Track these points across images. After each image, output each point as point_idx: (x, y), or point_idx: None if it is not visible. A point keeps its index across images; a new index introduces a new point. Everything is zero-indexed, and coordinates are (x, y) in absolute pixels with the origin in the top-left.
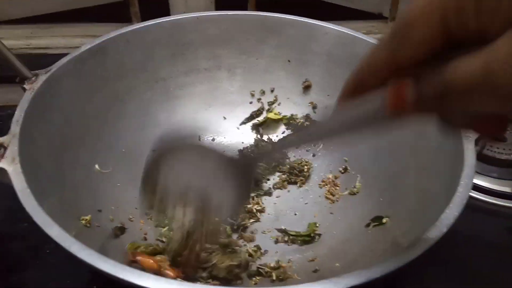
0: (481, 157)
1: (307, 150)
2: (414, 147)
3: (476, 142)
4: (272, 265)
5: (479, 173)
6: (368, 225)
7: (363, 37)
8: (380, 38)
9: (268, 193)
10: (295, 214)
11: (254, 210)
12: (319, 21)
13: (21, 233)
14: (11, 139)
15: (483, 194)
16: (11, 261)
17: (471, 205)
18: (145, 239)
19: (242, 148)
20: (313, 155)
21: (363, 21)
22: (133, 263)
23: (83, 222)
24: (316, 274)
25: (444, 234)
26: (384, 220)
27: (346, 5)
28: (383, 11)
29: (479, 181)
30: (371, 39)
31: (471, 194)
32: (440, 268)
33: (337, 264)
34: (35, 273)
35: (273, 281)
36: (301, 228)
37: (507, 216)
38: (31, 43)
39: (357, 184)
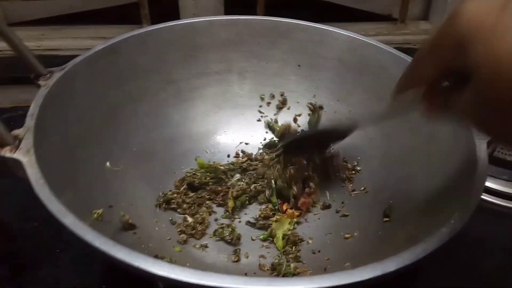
0: (491, 159)
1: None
2: (426, 152)
3: (488, 145)
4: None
5: (489, 175)
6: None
7: (373, 42)
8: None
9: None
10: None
11: None
12: (330, 26)
13: (32, 231)
14: (26, 132)
15: (493, 197)
16: (23, 259)
17: (481, 208)
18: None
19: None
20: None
21: (372, 23)
22: None
23: (95, 215)
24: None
25: (456, 233)
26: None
27: (356, 7)
28: (392, 12)
29: (490, 184)
30: (381, 44)
31: (482, 196)
32: (451, 269)
33: (347, 264)
34: (47, 272)
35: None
36: None
37: None
38: (42, 45)
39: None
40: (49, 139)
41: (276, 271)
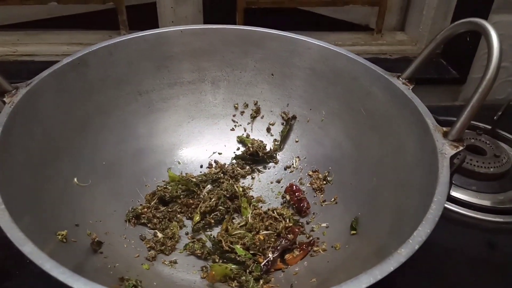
0: (460, 170)
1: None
2: (393, 163)
3: (451, 160)
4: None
5: (459, 186)
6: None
7: (345, 53)
8: None
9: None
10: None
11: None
12: (302, 36)
13: (3, 242)
14: None
15: (462, 208)
16: None
17: (451, 218)
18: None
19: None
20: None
21: (350, 33)
22: None
23: (59, 237)
24: None
25: (415, 252)
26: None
27: (334, 16)
28: (370, 23)
29: (459, 195)
30: (351, 54)
31: (451, 207)
32: (419, 280)
33: (313, 280)
34: (17, 283)
35: None
36: None
37: (486, 229)
38: (18, 50)
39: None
40: (13, 159)
41: (244, 287)
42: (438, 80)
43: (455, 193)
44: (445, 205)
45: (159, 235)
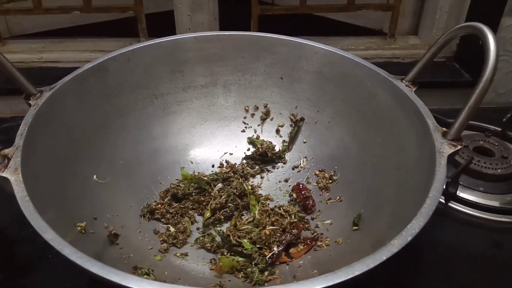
0: (468, 171)
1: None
2: (396, 162)
3: (450, 158)
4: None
5: (466, 187)
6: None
7: (350, 56)
8: None
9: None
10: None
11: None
12: (309, 40)
13: (27, 237)
14: (15, 151)
15: (469, 208)
16: (18, 264)
17: (458, 218)
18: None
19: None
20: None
21: (363, 37)
22: None
23: (79, 228)
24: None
25: (410, 242)
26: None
27: (347, 22)
28: (383, 27)
29: (466, 195)
30: (357, 58)
31: (458, 207)
32: (426, 279)
33: (315, 271)
34: (40, 276)
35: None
36: None
37: (493, 229)
38: (43, 57)
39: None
40: (37, 157)
41: (248, 278)
42: (451, 84)
43: (462, 194)
44: (453, 205)
45: (172, 229)
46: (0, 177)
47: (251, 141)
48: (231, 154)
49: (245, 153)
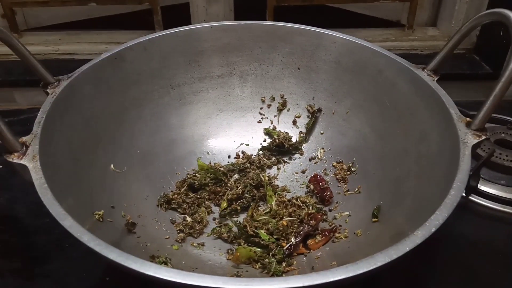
0: (489, 164)
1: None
2: (416, 153)
3: (474, 148)
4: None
5: (487, 180)
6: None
7: (369, 45)
8: None
9: None
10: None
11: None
12: (328, 30)
13: (44, 227)
14: (33, 139)
15: (490, 201)
16: (35, 253)
17: (479, 212)
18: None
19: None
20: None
21: (380, 29)
22: None
23: (97, 216)
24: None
25: (432, 234)
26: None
27: (364, 13)
28: (401, 18)
29: (487, 188)
30: (377, 47)
31: (479, 201)
32: (446, 272)
33: (334, 263)
34: (57, 265)
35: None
36: None
37: None
38: (59, 49)
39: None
40: (55, 145)
41: (266, 269)
42: (471, 76)
43: (483, 187)
44: (474, 198)
45: (188, 219)
46: (18, 164)
47: (267, 132)
48: (247, 145)
49: (261, 144)
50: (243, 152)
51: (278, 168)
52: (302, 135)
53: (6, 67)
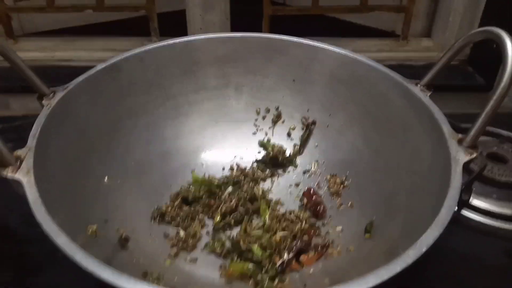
0: (481, 178)
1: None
2: (409, 168)
3: (465, 166)
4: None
5: (479, 194)
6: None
7: (364, 60)
8: None
9: None
10: None
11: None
12: (323, 43)
13: (37, 237)
14: (27, 152)
15: (482, 215)
16: (28, 263)
17: (470, 226)
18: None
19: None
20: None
21: (375, 39)
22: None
23: (90, 231)
24: None
25: (423, 254)
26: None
27: (360, 23)
28: (396, 29)
29: (479, 202)
30: (372, 62)
31: (471, 215)
32: (437, 286)
33: (326, 280)
34: (49, 276)
35: None
36: None
37: (506, 238)
38: (55, 55)
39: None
40: (50, 158)
41: (259, 286)
42: (465, 87)
43: (475, 201)
44: (465, 213)
45: (182, 233)
46: (12, 179)
47: (262, 144)
48: (241, 158)
49: (255, 156)
50: (237, 164)
51: (272, 181)
52: (296, 147)
53: (0, 73)
